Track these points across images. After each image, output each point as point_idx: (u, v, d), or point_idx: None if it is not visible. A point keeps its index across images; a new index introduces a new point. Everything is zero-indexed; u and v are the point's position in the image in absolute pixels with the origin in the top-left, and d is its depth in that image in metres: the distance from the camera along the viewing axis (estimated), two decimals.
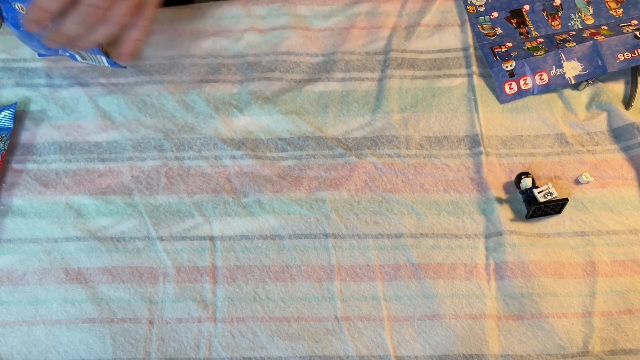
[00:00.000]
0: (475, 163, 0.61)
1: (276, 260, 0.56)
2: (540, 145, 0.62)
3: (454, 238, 0.57)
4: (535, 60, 0.64)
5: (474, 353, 0.52)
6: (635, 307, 0.54)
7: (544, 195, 0.56)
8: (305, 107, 0.64)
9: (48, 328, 0.53)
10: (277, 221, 0.58)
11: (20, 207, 0.58)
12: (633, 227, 0.57)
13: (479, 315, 0.54)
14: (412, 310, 0.54)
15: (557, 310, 0.54)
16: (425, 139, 0.62)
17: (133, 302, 0.54)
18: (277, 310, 0.54)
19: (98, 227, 0.57)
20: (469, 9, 0.69)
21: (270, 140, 0.62)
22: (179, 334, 0.53)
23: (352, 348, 0.53)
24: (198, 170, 0.60)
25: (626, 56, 0.63)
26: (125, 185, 0.59)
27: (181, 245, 0.57)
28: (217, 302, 0.54)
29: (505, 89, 0.64)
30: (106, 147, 0.62)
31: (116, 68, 0.63)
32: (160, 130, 0.62)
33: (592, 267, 0.56)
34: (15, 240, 0.57)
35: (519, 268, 0.55)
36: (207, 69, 0.66)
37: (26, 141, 0.62)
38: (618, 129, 0.62)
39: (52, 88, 0.65)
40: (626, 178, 0.60)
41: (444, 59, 0.67)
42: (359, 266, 0.56)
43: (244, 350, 0.53)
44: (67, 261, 0.56)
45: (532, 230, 0.57)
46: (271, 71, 0.66)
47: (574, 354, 0.52)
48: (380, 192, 0.59)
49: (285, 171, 0.60)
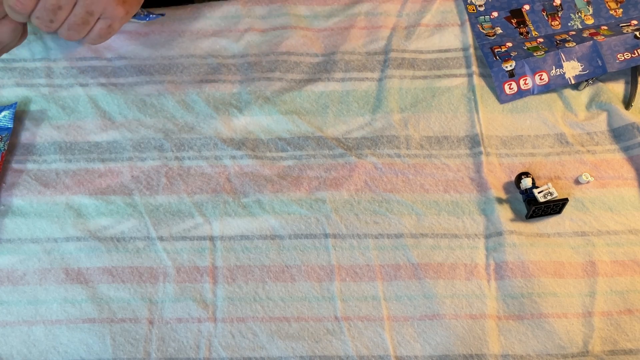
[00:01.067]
0: (475, 163, 0.61)
1: (276, 260, 0.56)
2: (540, 145, 0.62)
3: (454, 238, 0.57)
4: (535, 60, 0.64)
5: (474, 353, 0.52)
6: (635, 307, 0.54)
7: (544, 195, 0.56)
8: (305, 107, 0.64)
9: (48, 328, 0.53)
10: (277, 221, 0.58)
11: (20, 207, 0.58)
12: (633, 227, 0.57)
13: (479, 315, 0.54)
14: (412, 310, 0.54)
15: (557, 310, 0.54)
16: (425, 139, 0.62)
17: (133, 302, 0.54)
18: (277, 310, 0.54)
19: (98, 227, 0.57)
20: (469, 9, 0.69)
21: (270, 140, 0.62)
22: (179, 334, 0.53)
23: (352, 348, 0.53)
24: (198, 170, 0.60)
25: (626, 56, 0.63)
26: (125, 185, 0.59)
27: (181, 245, 0.57)
28: (217, 302, 0.54)
29: (505, 89, 0.64)
30: (106, 147, 0.62)
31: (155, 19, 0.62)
32: (160, 130, 0.62)
33: (592, 267, 0.56)
34: (15, 240, 0.57)
35: (519, 268, 0.55)
36: (207, 69, 0.66)
37: (26, 141, 0.62)
38: (618, 129, 0.62)
39: (52, 88, 0.65)
40: (626, 178, 0.60)
41: (444, 59, 0.67)
42: (359, 266, 0.56)
43: (244, 350, 0.53)
44: (67, 261, 0.56)
45: (532, 230, 0.57)
46: (271, 71, 0.66)
47: (574, 354, 0.52)
48: (380, 192, 0.59)
49: (285, 171, 0.60)
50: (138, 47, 0.67)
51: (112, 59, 0.66)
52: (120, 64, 0.66)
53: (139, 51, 0.67)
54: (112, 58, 0.67)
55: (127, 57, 0.67)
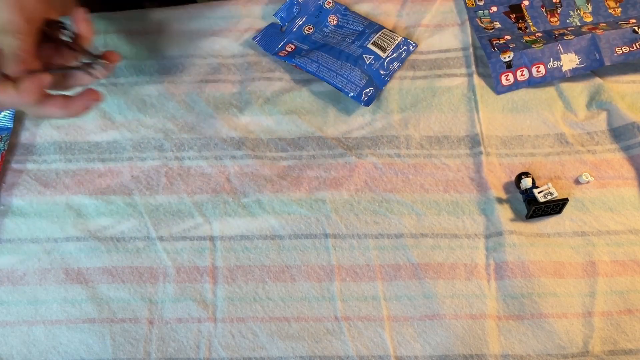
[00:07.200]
0: (475, 163, 0.61)
1: (276, 260, 0.56)
2: (540, 145, 0.62)
3: (454, 238, 0.57)
4: (534, 52, 0.64)
5: (474, 353, 0.52)
6: (635, 307, 0.54)
7: (544, 195, 0.56)
8: (305, 107, 0.64)
9: (48, 328, 0.53)
10: (277, 221, 0.58)
11: (20, 207, 0.58)
12: (633, 227, 0.57)
13: (479, 315, 0.54)
14: (412, 310, 0.54)
15: (557, 310, 0.54)
16: (425, 139, 0.62)
17: (133, 302, 0.54)
18: (277, 310, 0.54)
19: (98, 227, 0.57)
20: (467, 3, 0.69)
21: (270, 140, 0.62)
22: (179, 334, 0.53)
23: (352, 348, 0.53)
24: (198, 170, 0.60)
25: (624, 50, 0.63)
26: (125, 185, 0.59)
27: (181, 245, 0.57)
28: (217, 302, 0.54)
29: (502, 80, 0.64)
30: (106, 147, 0.62)
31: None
32: (160, 130, 0.62)
33: (592, 267, 0.56)
34: (15, 240, 0.57)
35: (519, 268, 0.55)
36: (207, 69, 0.66)
37: (26, 141, 0.62)
38: (618, 128, 0.62)
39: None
40: (626, 178, 0.60)
41: (444, 59, 0.67)
42: (359, 266, 0.56)
43: (244, 351, 0.53)
44: (67, 261, 0.56)
45: (532, 230, 0.57)
46: (271, 71, 0.66)
47: (574, 354, 0.52)
48: (380, 192, 0.59)
49: (285, 171, 0.60)
50: (138, 47, 0.67)
51: None
52: (120, 64, 0.66)
53: (139, 51, 0.67)
54: None
55: (127, 57, 0.67)
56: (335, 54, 0.64)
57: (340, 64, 0.63)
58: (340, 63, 0.63)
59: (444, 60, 0.66)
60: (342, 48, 0.64)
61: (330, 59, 0.63)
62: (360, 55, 0.63)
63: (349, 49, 0.64)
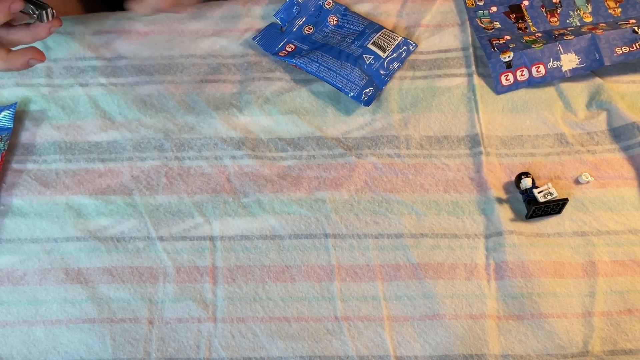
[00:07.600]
0: (475, 163, 0.61)
1: (276, 260, 0.56)
2: (540, 145, 0.62)
3: (454, 238, 0.57)
4: (533, 52, 0.64)
5: (474, 353, 0.52)
6: (635, 307, 0.54)
7: (544, 195, 0.56)
8: (305, 107, 0.64)
9: (48, 328, 0.53)
10: (277, 221, 0.58)
11: (20, 207, 0.58)
12: (633, 227, 0.57)
13: (479, 315, 0.54)
14: (412, 310, 0.54)
15: (557, 310, 0.54)
16: (425, 139, 0.62)
17: (133, 302, 0.54)
18: (277, 310, 0.54)
19: (98, 227, 0.57)
20: (467, 3, 0.69)
21: (270, 140, 0.62)
22: (179, 334, 0.53)
23: (352, 348, 0.53)
24: (198, 170, 0.60)
25: (624, 50, 0.63)
26: (125, 185, 0.59)
27: (181, 245, 0.57)
28: (217, 302, 0.54)
29: (502, 80, 0.64)
30: (106, 147, 0.62)
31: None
32: (160, 130, 0.62)
33: (592, 267, 0.56)
34: (15, 240, 0.57)
35: (519, 268, 0.55)
36: (207, 69, 0.66)
37: (26, 141, 0.62)
38: (618, 128, 0.62)
39: (52, 88, 0.65)
40: (626, 178, 0.60)
41: (444, 59, 0.67)
42: (359, 266, 0.56)
43: (244, 351, 0.53)
44: (67, 261, 0.56)
45: (532, 230, 0.57)
46: (271, 71, 0.66)
47: (574, 354, 0.52)
48: (380, 192, 0.59)
49: (285, 171, 0.60)
50: (138, 47, 0.67)
51: (112, 58, 0.66)
52: (120, 64, 0.66)
53: (139, 51, 0.67)
54: (112, 58, 0.67)
55: (127, 57, 0.67)
56: (335, 54, 0.64)
57: (340, 63, 0.63)
58: (340, 63, 0.63)
59: (444, 60, 0.66)
60: (342, 48, 0.64)
61: (330, 59, 0.63)
62: (360, 55, 0.63)
63: (349, 49, 0.64)
